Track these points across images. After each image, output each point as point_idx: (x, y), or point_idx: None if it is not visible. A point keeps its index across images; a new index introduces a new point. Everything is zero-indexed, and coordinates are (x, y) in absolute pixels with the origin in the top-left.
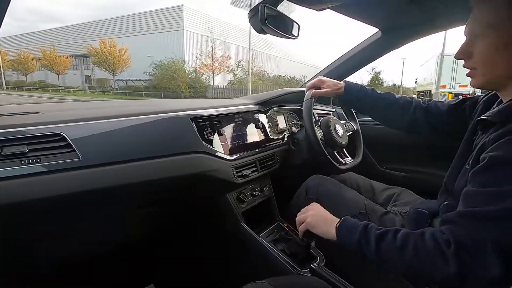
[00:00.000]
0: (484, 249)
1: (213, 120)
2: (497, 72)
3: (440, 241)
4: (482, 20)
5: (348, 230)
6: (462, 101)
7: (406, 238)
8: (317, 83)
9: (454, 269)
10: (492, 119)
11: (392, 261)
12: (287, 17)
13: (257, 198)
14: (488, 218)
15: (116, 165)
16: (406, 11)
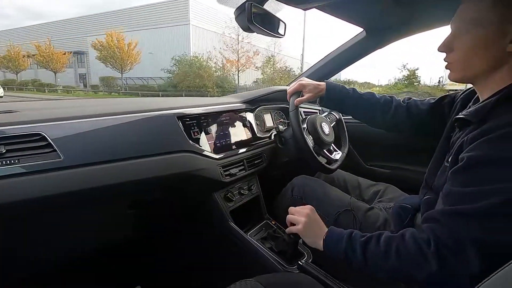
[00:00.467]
0: (464, 247)
1: (200, 119)
2: (475, 68)
3: (420, 241)
4: (466, 16)
5: (334, 242)
6: (441, 99)
7: (389, 242)
8: (298, 88)
9: (435, 267)
10: (469, 118)
11: (378, 266)
12: (274, 15)
13: (245, 196)
14: (470, 216)
15: (100, 165)
16: (389, 11)
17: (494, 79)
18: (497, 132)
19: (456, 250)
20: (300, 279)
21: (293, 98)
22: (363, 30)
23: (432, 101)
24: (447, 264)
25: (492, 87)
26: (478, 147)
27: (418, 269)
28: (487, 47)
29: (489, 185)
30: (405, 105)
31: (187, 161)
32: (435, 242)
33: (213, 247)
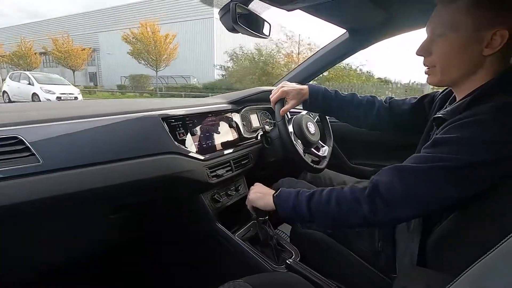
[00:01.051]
0: (395, 196)
1: (186, 120)
2: (453, 71)
3: (356, 189)
4: (443, 20)
5: (284, 199)
6: (421, 99)
7: (330, 192)
8: (281, 95)
9: (367, 210)
10: (445, 117)
11: (321, 216)
12: (259, 16)
13: (232, 197)
14: (407, 171)
15: (82, 169)
16: (371, 13)
17: (470, 82)
18: (463, 120)
19: (387, 198)
20: (288, 278)
21: (278, 107)
22: (346, 31)
23: (413, 100)
24: (377, 208)
25: (468, 88)
26: (444, 132)
27: (353, 213)
28: (464, 51)
29: (436, 153)
30: (387, 105)
31: (172, 163)
32: (369, 189)
33: (200, 249)
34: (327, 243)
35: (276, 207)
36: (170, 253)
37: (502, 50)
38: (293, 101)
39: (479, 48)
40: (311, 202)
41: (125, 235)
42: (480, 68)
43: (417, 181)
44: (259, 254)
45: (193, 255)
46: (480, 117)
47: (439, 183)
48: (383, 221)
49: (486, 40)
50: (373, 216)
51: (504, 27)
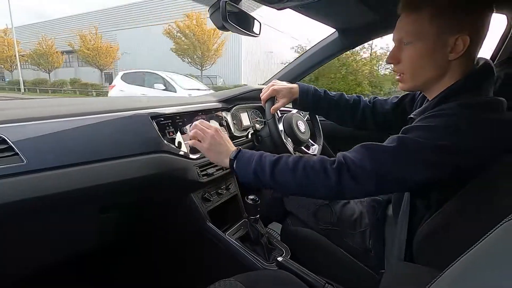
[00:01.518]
0: (363, 171)
1: (175, 119)
2: (422, 77)
3: (325, 160)
4: (408, 29)
5: (244, 162)
6: (402, 98)
7: (297, 161)
8: (271, 94)
9: (333, 180)
10: (415, 117)
11: (285, 183)
12: (249, 14)
13: (223, 196)
14: (376, 150)
15: (68, 169)
16: (360, 13)
17: (439, 85)
18: (430, 114)
19: (354, 171)
20: (279, 276)
21: (268, 106)
22: (335, 30)
23: (395, 100)
24: (343, 180)
25: (437, 91)
26: (413, 123)
27: (320, 183)
28: (431, 57)
29: (404, 136)
30: (371, 105)
31: (162, 162)
32: (338, 162)
33: (191, 248)
34: (318, 241)
35: (235, 171)
36: (161, 252)
37: (466, 54)
38: (283, 99)
39: (444, 54)
40: (276, 168)
41: (114, 235)
42: (447, 72)
43: (383, 157)
44: (250, 252)
45: (184, 254)
46: (446, 111)
47: (405, 162)
48: (349, 194)
49: (450, 45)
50: (339, 188)
51: (465, 32)
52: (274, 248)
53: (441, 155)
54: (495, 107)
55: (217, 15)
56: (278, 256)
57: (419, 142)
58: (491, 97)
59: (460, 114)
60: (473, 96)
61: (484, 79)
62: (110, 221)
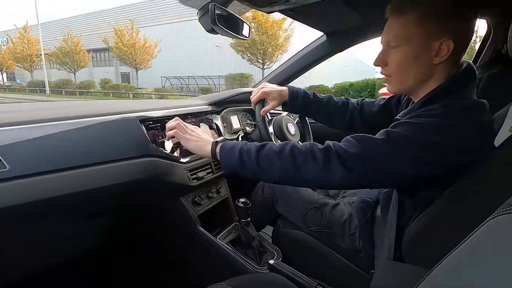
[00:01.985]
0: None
1: (165, 122)
2: (409, 80)
3: (313, 145)
4: (395, 32)
5: (228, 149)
6: (389, 100)
7: (284, 144)
8: (262, 96)
9: (321, 164)
10: (400, 118)
11: (270, 167)
12: (238, 17)
13: (214, 200)
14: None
15: (53, 174)
16: (347, 17)
17: (425, 88)
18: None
19: (342, 156)
20: (271, 279)
21: (259, 108)
22: (323, 34)
23: (382, 102)
24: (331, 164)
25: (422, 94)
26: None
27: (307, 166)
28: (417, 61)
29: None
30: (359, 107)
31: (151, 166)
32: (327, 146)
33: (182, 252)
34: (309, 243)
35: (221, 162)
36: (152, 257)
37: (450, 58)
38: (273, 102)
39: (429, 58)
40: (262, 151)
41: (104, 240)
42: (432, 75)
43: (373, 148)
44: (241, 255)
45: (175, 259)
46: (431, 112)
47: (394, 155)
48: (336, 180)
49: (434, 49)
50: (327, 173)
51: (449, 37)
52: (265, 251)
53: (431, 151)
54: (479, 109)
55: (206, 18)
56: (270, 259)
57: (408, 137)
58: (474, 100)
59: (445, 114)
60: (457, 99)
61: (467, 82)
62: (98, 226)
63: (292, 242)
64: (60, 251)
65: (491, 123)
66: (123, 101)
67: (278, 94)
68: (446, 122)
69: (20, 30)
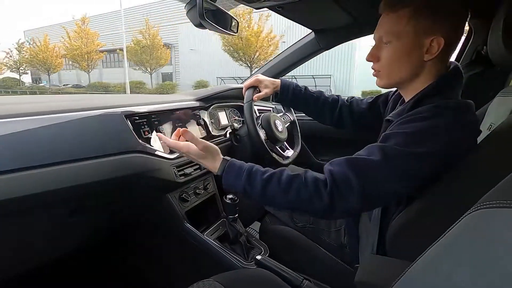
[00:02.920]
0: (351, 189)
1: (151, 117)
2: (399, 75)
3: (319, 183)
4: (387, 28)
5: (233, 177)
6: (376, 99)
7: (290, 181)
8: (254, 83)
9: (326, 205)
10: (392, 119)
11: (276, 202)
12: (226, 12)
13: (201, 196)
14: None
15: (37, 170)
16: (336, 15)
17: (414, 85)
18: (406, 118)
19: (344, 191)
20: (258, 274)
21: (249, 91)
22: (311, 31)
23: (370, 99)
24: (334, 202)
25: (412, 91)
26: (391, 128)
27: (312, 205)
28: (407, 57)
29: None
30: (348, 103)
31: (137, 162)
32: (330, 183)
33: (169, 249)
34: (296, 238)
35: (224, 184)
36: (138, 254)
37: (440, 55)
38: (266, 89)
39: (420, 54)
40: (267, 187)
41: (88, 237)
42: (422, 72)
43: (370, 174)
44: (228, 252)
45: (162, 255)
46: (422, 115)
47: (391, 177)
48: (337, 213)
49: (425, 46)
50: (331, 210)
51: (440, 34)
52: (252, 247)
53: (422, 162)
54: (467, 109)
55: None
56: (257, 255)
57: (399, 152)
58: (461, 100)
59: (435, 116)
60: (445, 98)
61: (455, 82)
62: (83, 223)
63: (279, 237)
64: (43, 250)
65: (477, 123)
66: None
67: (271, 83)
68: (437, 124)
69: (78, 21)
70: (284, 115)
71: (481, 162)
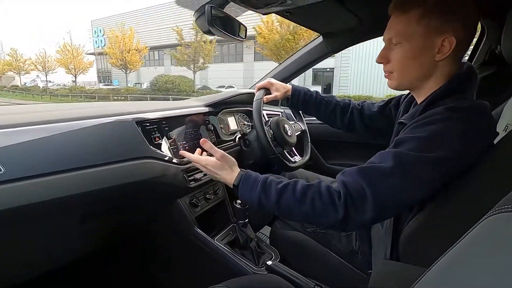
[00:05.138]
0: (364, 198)
1: (161, 123)
2: (409, 76)
3: (333, 193)
4: (397, 30)
5: (249, 187)
6: (388, 102)
7: (305, 191)
8: (266, 85)
9: (341, 216)
10: (405, 121)
11: (290, 212)
12: (234, 19)
13: (211, 201)
14: (374, 173)
15: (49, 177)
16: (343, 18)
17: (427, 86)
18: (418, 122)
19: (358, 201)
20: (268, 280)
21: (260, 92)
22: (320, 35)
23: (382, 103)
24: (348, 213)
25: (425, 92)
26: (404, 133)
27: (327, 216)
28: (418, 58)
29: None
30: (359, 107)
31: (148, 168)
32: (344, 194)
33: (179, 254)
34: (306, 243)
35: (237, 193)
36: (149, 259)
37: (452, 55)
38: (276, 93)
39: (431, 54)
40: (282, 197)
41: (99, 243)
42: (434, 72)
43: (384, 184)
44: (239, 257)
45: (172, 261)
46: (435, 117)
47: (406, 185)
48: (352, 225)
49: (437, 46)
50: (346, 221)
51: (451, 34)
52: (263, 252)
53: (438, 167)
54: (481, 110)
55: (202, 19)
56: (268, 260)
57: (412, 158)
58: (475, 101)
59: (448, 118)
60: (459, 99)
61: (469, 82)
62: (94, 229)
63: (289, 243)
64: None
65: (493, 124)
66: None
67: (282, 87)
68: (449, 126)
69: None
70: (295, 124)
71: (498, 164)
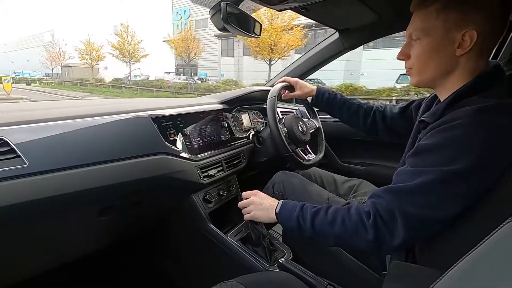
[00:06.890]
0: (395, 219)
1: (177, 120)
2: (430, 72)
3: (362, 214)
4: (417, 25)
5: (287, 213)
6: (410, 104)
7: (336, 213)
8: (291, 82)
9: (372, 237)
10: (427, 120)
11: (324, 234)
12: (249, 15)
13: (224, 197)
14: (403, 192)
15: (70, 171)
16: (360, 14)
17: (449, 82)
18: (442, 126)
19: (388, 222)
20: (281, 277)
21: (278, 86)
22: (335, 31)
23: (403, 105)
24: (379, 233)
25: (448, 89)
26: (427, 138)
27: (358, 237)
28: (438, 53)
29: (424, 166)
30: (382, 110)
31: (163, 163)
32: (373, 214)
33: (192, 249)
34: None
35: (280, 222)
36: (163, 253)
37: (475, 50)
38: (299, 91)
39: (451, 49)
40: (316, 219)
41: (114, 236)
42: (456, 67)
43: (412, 204)
44: (251, 254)
45: (185, 256)
46: (459, 121)
47: (434, 202)
48: (388, 249)
49: (457, 41)
50: (378, 243)
51: (472, 28)
52: (275, 249)
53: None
54: (510, 110)
55: (217, 17)
56: (280, 258)
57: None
58: (502, 101)
59: (474, 122)
60: (485, 98)
61: (496, 80)
62: (110, 222)
63: (302, 241)
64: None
65: None
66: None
67: (306, 87)
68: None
69: None
70: (309, 121)
71: None
